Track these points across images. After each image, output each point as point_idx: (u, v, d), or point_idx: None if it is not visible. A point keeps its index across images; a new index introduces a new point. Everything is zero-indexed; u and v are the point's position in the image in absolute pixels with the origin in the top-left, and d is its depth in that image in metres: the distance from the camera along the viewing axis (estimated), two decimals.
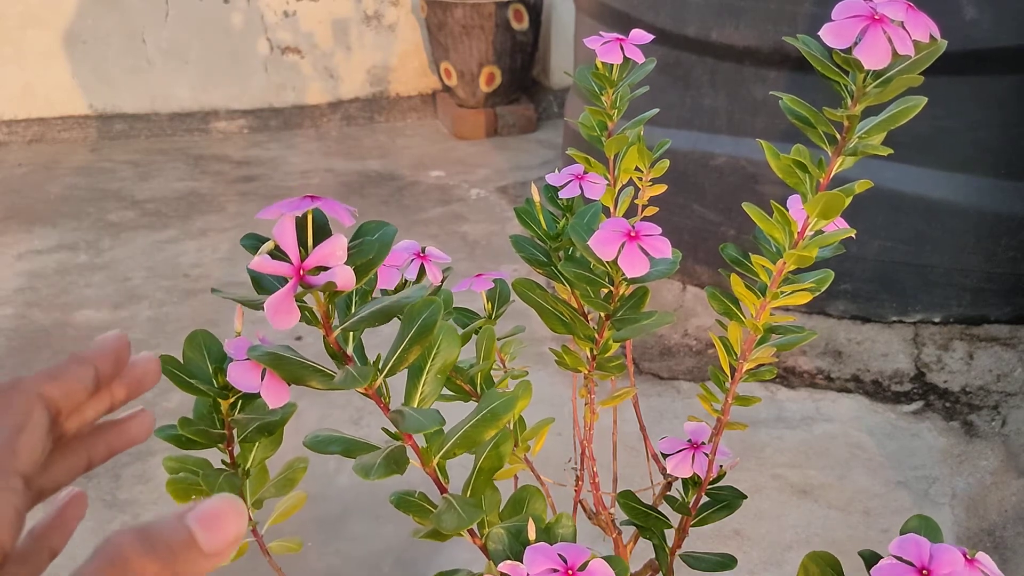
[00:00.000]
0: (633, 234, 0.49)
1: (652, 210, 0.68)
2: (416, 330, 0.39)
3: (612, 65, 0.62)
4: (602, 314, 0.56)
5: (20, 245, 2.42)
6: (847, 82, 0.43)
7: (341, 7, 3.45)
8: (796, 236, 0.50)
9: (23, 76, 3.25)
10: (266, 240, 0.35)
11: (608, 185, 0.63)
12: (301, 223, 0.35)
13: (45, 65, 3.25)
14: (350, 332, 0.40)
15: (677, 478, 0.62)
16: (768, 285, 0.52)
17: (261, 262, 0.33)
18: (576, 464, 0.71)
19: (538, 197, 0.61)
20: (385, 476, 0.38)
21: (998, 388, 1.66)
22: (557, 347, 0.60)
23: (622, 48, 0.61)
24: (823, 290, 0.52)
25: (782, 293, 0.52)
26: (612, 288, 0.54)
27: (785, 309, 0.56)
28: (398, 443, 0.41)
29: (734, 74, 1.83)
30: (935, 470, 1.48)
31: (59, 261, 2.32)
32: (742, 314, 0.55)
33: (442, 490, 0.44)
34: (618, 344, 0.59)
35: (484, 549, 0.43)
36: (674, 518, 0.62)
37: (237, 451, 0.49)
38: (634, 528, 0.63)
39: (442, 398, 0.53)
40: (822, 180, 0.47)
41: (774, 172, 0.48)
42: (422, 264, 0.56)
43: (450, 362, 0.42)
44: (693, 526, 0.61)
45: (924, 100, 0.44)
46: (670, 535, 0.63)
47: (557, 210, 0.62)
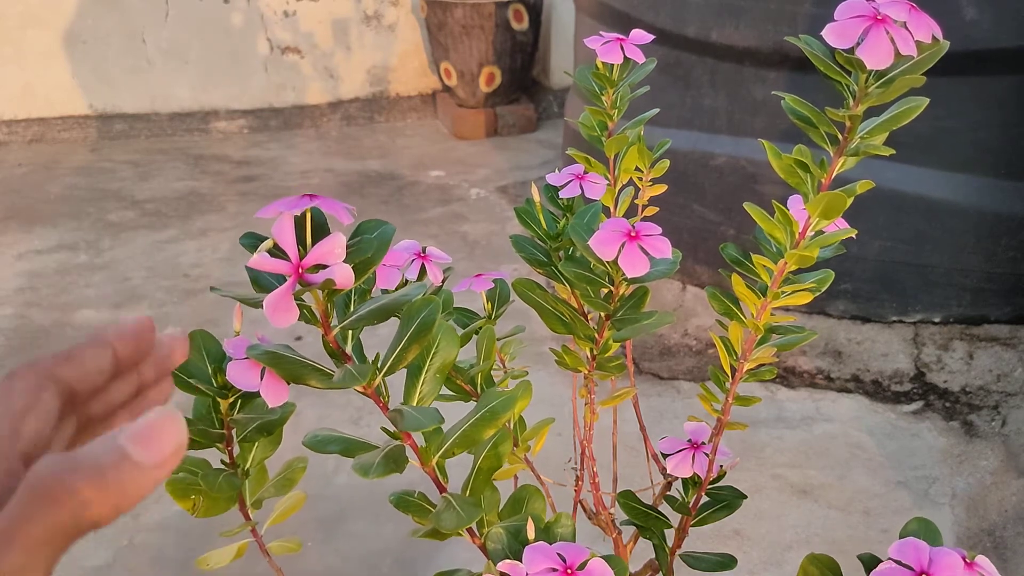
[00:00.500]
0: (633, 234, 0.49)
1: (652, 210, 0.67)
2: (415, 329, 0.39)
3: (612, 65, 0.62)
4: (602, 314, 0.56)
5: (20, 245, 2.42)
6: (849, 82, 0.43)
7: (341, 7, 3.45)
8: (797, 236, 0.50)
9: (23, 76, 3.25)
10: (265, 239, 0.35)
11: (608, 185, 0.63)
12: (300, 221, 0.35)
13: (45, 65, 3.25)
14: (349, 331, 0.40)
15: (677, 478, 0.62)
16: (769, 285, 0.52)
17: (260, 260, 0.33)
18: (576, 464, 0.71)
19: (538, 197, 0.61)
20: (384, 475, 0.38)
21: (998, 388, 1.66)
22: (557, 347, 0.60)
23: (622, 48, 0.61)
24: (823, 290, 0.52)
25: (783, 293, 0.52)
26: (612, 288, 0.54)
27: (785, 309, 0.56)
28: (397, 442, 0.41)
29: (734, 74, 1.82)
30: (935, 470, 1.48)
31: (59, 261, 2.32)
32: (742, 314, 0.55)
33: (441, 489, 0.44)
34: (618, 344, 0.59)
35: (483, 548, 0.43)
36: (674, 518, 0.62)
37: (236, 451, 0.49)
38: (634, 528, 0.63)
39: (442, 398, 0.53)
40: (824, 180, 0.47)
41: (774, 172, 0.48)
42: (423, 264, 0.56)
43: (449, 361, 0.42)
44: (693, 526, 0.61)
45: (926, 101, 0.44)
46: (670, 535, 0.62)
47: (557, 210, 0.62)
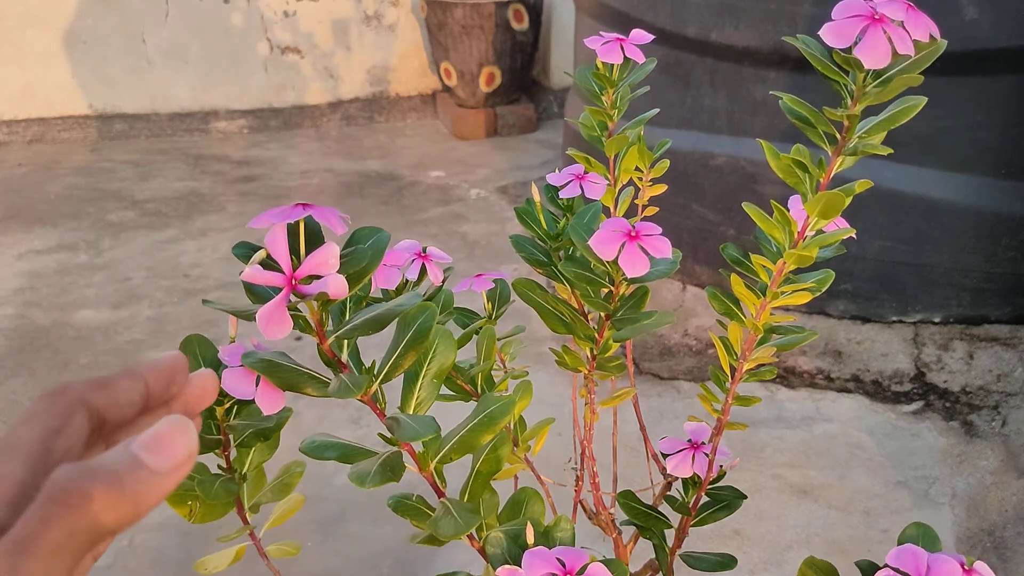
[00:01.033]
0: (633, 234, 0.49)
1: (652, 210, 0.67)
2: (411, 336, 0.39)
3: (612, 65, 0.62)
4: (602, 314, 0.56)
5: (20, 245, 2.42)
6: (847, 82, 0.43)
7: (341, 7, 3.45)
8: (796, 236, 0.49)
9: (23, 76, 3.24)
10: (259, 248, 0.35)
11: (608, 185, 0.63)
12: (293, 231, 0.35)
13: (45, 65, 3.25)
14: (344, 340, 0.40)
15: (677, 478, 0.62)
16: (768, 285, 0.52)
17: (253, 273, 0.33)
18: (576, 464, 0.71)
19: (538, 197, 0.61)
20: (381, 484, 0.38)
21: (998, 388, 1.66)
22: (557, 347, 0.60)
23: (622, 48, 0.61)
24: (823, 290, 0.52)
25: (782, 293, 0.52)
26: (612, 288, 0.53)
27: (785, 309, 0.56)
28: (394, 448, 0.41)
29: (734, 74, 1.82)
30: (935, 470, 1.48)
31: (59, 261, 2.32)
32: (742, 314, 0.55)
33: (439, 494, 0.44)
34: (618, 344, 0.59)
35: (482, 552, 0.43)
36: (674, 518, 0.62)
37: (234, 455, 0.49)
38: (634, 528, 0.63)
39: (442, 398, 0.53)
40: (822, 180, 0.47)
41: (774, 172, 0.48)
42: (423, 264, 0.56)
43: (446, 367, 0.42)
44: (693, 526, 0.61)
45: (924, 100, 0.44)
46: (670, 535, 0.62)
47: (557, 210, 0.62)
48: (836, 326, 1.83)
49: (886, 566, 0.38)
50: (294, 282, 0.33)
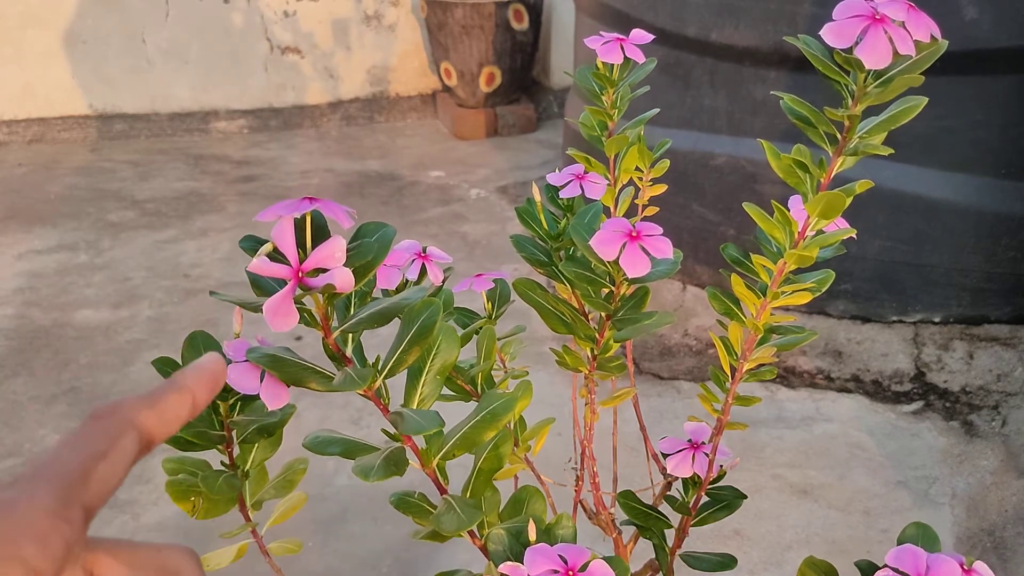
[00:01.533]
0: (634, 234, 0.49)
1: (652, 210, 0.67)
2: (415, 331, 0.39)
3: (612, 65, 0.62)
4: (603, 314, 0.56)
5: (20, 245, 2.42)
6: (848, 82, 0.43)
7: (341, 7, 3.45)
8: (797, 236, 0.50)
9: (23, 76, 3.24)
10: (265, 242, 0.35)
11: (608, 185, 0.63)
12: (300, 225, 0.35)
13: (45, 65, 3.25)
14: (349, 334, 0.40)
15: (677, 478, 0.62)
16: (769, 285, 0.52)
17: (260, 264, 0.33)
18: (576, 464, 0.71)
19: (539, 197, 0.61)
20: (384, 478, 0.38)
21: (998, 388, 1.66)
22: (557, 347, 0.60)
23: (622, 48, 0.61)
24: (823, 290, 0.52)
25: (783, 293, 0.52)
26: (613, 288, 0.54)
27: (785, 309, 0.56)
28: (397, 444, 0.41)
29: (734, 74, 1.82)
30: (935, 470, 1.48)
31: (59, 261, 2.32)
32: (742, 314, 0.55)
33: (442, 491, 0.44)
34: (618, 344, 0.59)
35: (484, 550, 0.43)
36: (674, 518, 0.62)
37: (236, 452, 0.49)
38: (634, 528, 0.63)
39: (442, 398, 0.53)
40: (823, 180, 0.47)
41: (774, 172, 0.48)
42: (423, 264, 0.56)
43: (449, 363, 0.42)
44: (693, 526, 0.61)
45: (925, 100, 0.44)
46: (670, 535, 0.62)
47: (558, 210, 0.62)
48: (836, 326, 1.83)
49: (885, 566, 0.38)
50: (301, 275, 0.33)
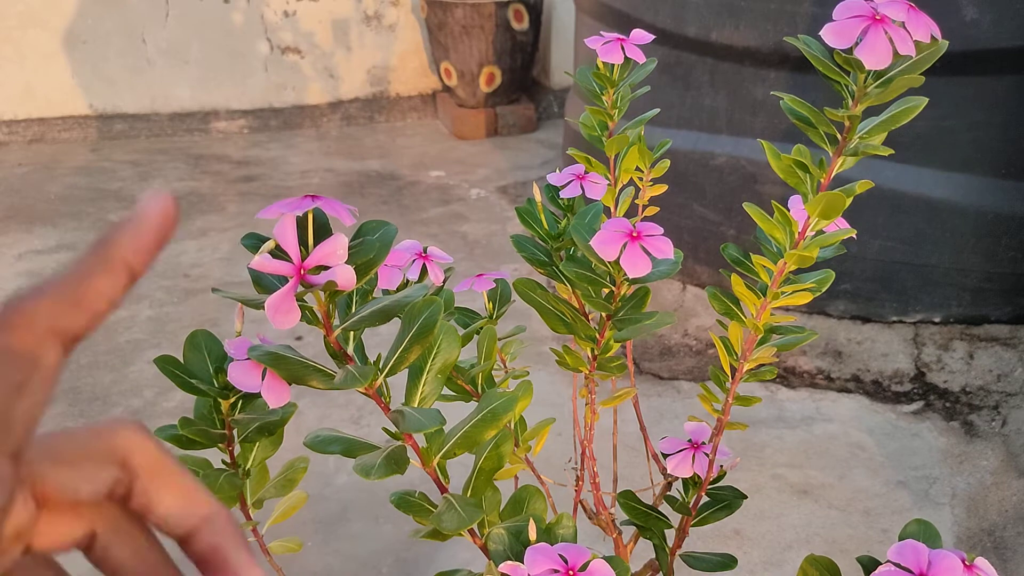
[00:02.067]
0: (635, 234, 0.49)
1: (653, 210, 0.67)
2: (416, 330, 0.39)
3: (613, 65, 0.62)
4: (603, 314, 0.56)
5: (20, 245, 2.42)
6: (848, 82, 0.43)
7: (341, 7, 3.45)
8: (797, 236, 0.50)
9: (23, 76, 3.24)
10: (267, 240, 0.35)
11: (609, 185, 0.63)
12: (302, 222, 0.35)
13: (45, 65, 3.25)
14: (351, 332, 0.40)
15: (677, 478, 0.62)
16: (769, 285, 0.52)
17: (262, 261, 0.33)
18: (576, 464, 0.71)
19: (540, 197, 0.61)
20: (386, 476, 0.38)
21: (998, 388, 1.66)
22: (558, 347, 0.60)
23: (623, 48, 0.61)
24: (824, 290, 0.52)
25: (783, 293, 0.52)
26: (613, 288, 0.54)
27: (785, 309, 0.56)
28: (398, 443, 0.41)
29: (734, 74, 1.82)
30: (935, 470, 1.48)
31: (59, 261, 2.32)
32: (743, 314, 0.55)
33: (442, 490, 0.44)
34: (619, 344, 0.59)
35: (484, 549, 0.43)
36: (674, 518, 0.62)
37: (237, 451, 0.49)
38: (634, 528, 0.63)
39: (443, 398, 0.53)
40: (823, 180, 0.47)
41: (774, 172, 0.48)
42: (424, 264, 0.56)
43: (450, 362, 0.42)
44: (693, 526, 0.61)
45: (925, 100, 0.44)
46: (670, 535, 0.62)
47: (558, 210, 0.62)
48: (836, 326, 1.83)
49: (888, 561, 0.38)
50: (303, 272, 0.33)
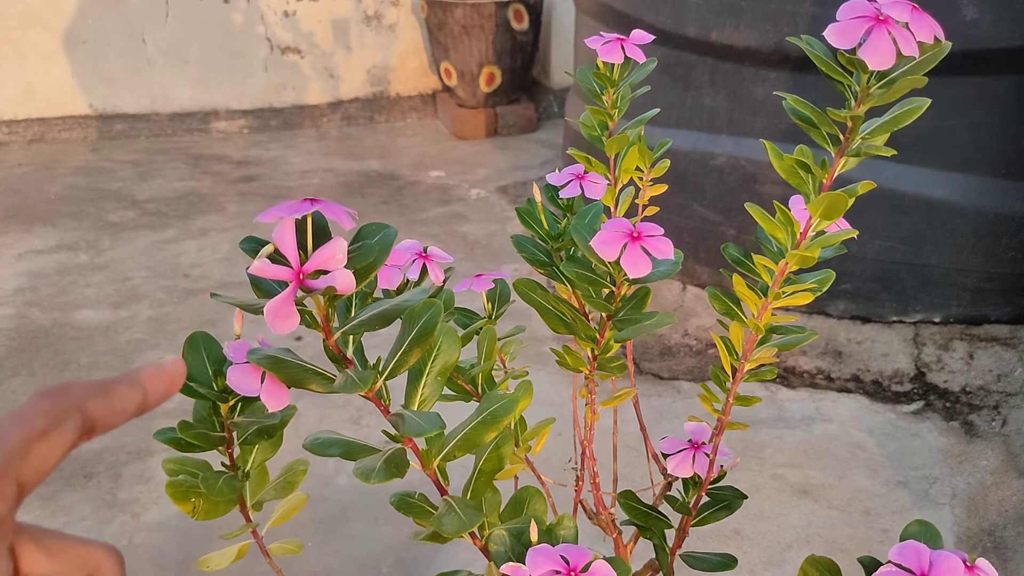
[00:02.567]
0: (635, 234, 0.49)
1: (653, 210, 0.67)
2: (416, 333, 0.39)
3: (613, 65, 0.62)
4: (603, 314, 0.56)
5: (20, 245, 2.42)
6: (851, 83, 0.43)
7: (341, 7, 3.45)
8: (798, 236, 0.50)
9: (23, 76, 3.24)
10: (265, 243, 0.35)
11: (609, 185, 0.63)
12: (301, 226, 0.35)
13: (45, 65, 3.25)
14: (350, 335, 0.40)
15: (677, 478, 0.62)
16: (769, 285, 0.52)
17: (261, 266, 0.33)
18: (576, 464, 0.71)
19: (539, 197, 0.61)
20: (386, 480, 0.38)
21: (998, 388, 1.66)
22: (558, 347, 0.60)
23: (623, 48, 0.61)
24: (824, 290, 0.52)
25: (784, 293, 0.52)
26: (614, 288, 0.54)
27: (786, 309, 0.56)
28: (398, 445, 0.41)
29: (734, 74, 1.82)
30: (935, 470, 1.48)
31: (59, 261, 2.32)
32: (743, 314, 0.55)
33: (442, 492, 0.44)
34: (619, 344, 0.59)
35: (485, 550, 0.43)
36: (674, 518, 0.62)
37: (237, 453, 0.49)
38: (634, 528, 0.63)
39: (443, 398, 0.53)
40: (825, 181, 0.47)
41: (774, 172, 0.48)
42: (424, 264, 0.56)
43: (450, 364, 0.42)
44: (693, 526, 0.61)
45: (928, 101, 0.44)
46: (670, 535, 0.62)
47: (558, 210, 0.62)
48: (836, 326, 1.83)
49: (889, 562, 0.38)
50: (302, 276, 0.33)
